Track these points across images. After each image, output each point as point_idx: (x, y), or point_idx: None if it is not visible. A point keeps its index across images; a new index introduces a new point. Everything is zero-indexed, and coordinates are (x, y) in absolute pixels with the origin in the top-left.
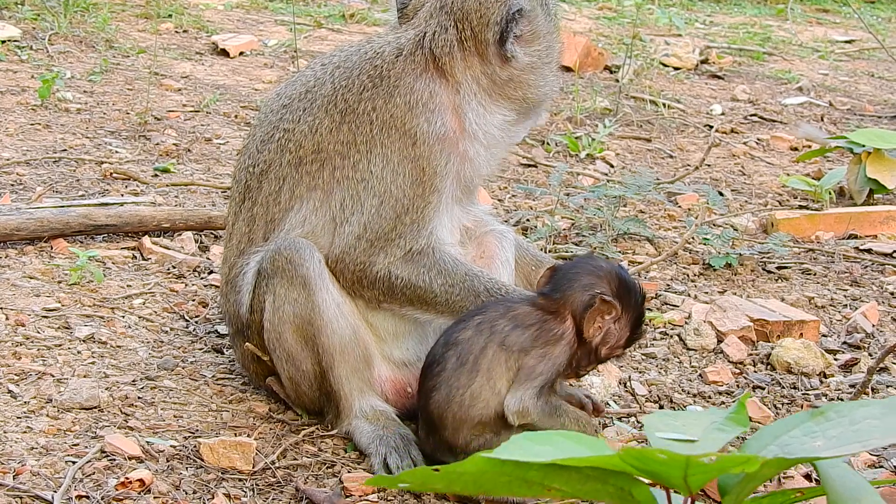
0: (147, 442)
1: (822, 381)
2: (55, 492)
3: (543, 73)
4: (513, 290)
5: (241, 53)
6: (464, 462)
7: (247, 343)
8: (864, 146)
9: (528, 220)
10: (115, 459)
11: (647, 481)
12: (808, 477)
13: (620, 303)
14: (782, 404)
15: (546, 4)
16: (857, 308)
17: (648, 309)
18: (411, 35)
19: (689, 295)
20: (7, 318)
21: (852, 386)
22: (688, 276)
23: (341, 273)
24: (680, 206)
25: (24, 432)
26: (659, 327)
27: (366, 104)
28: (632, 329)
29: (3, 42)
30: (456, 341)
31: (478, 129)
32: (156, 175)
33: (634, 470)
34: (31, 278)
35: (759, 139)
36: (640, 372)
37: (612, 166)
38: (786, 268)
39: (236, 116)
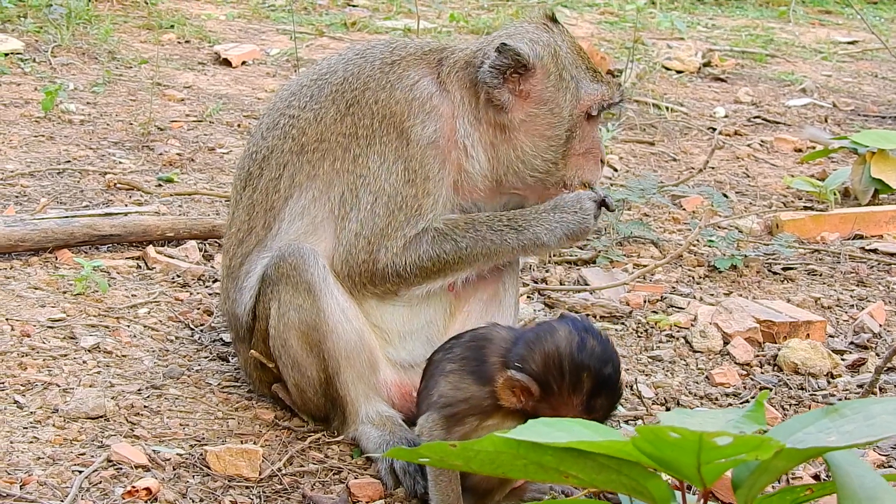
0: (153, 450)
1: (829, 382)
2: (62, 501)
3: (539, 147)
4: (513, 214)
5: (243, 63)
6: (481, 440)
7: (252, 350)
8: (868, 146)
9: None
10: (121, 468)
11: (664, 477)
12: (816, 477)
13: (543, 384)
14: (790, 405)
15: (569, 79)
16: (863, 308)
17: (654, 312)
18: (459, 42)
19: (694, 297)
20: (12, 329)
21: (860, 386)
22: (693, 278)
23: (349, 277)
24: (684, 209)
25: (31, 442)
26: (665, 330)
27: (370, 95)
28: (587, 400)
29: (7, 55)
30: (450, 346)
31: (469, 145)
32: (159, 185)
33: (647, 459)
34: (35, 289)
35: (762, 141)
36: (646, 374)
37: (615, 170)
38: (791, 269)
39: (239, 126)
